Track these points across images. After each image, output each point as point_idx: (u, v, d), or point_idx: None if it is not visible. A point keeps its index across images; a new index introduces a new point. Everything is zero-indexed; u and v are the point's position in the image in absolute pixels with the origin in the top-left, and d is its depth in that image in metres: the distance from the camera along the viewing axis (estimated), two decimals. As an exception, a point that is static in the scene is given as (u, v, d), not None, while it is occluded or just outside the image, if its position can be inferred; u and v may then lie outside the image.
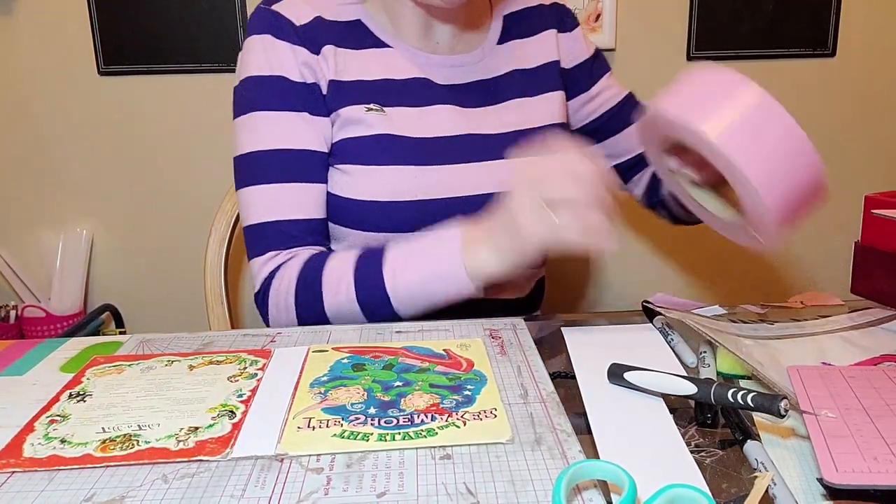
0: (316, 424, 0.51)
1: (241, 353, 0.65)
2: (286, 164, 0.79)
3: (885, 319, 0.70)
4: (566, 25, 0.95)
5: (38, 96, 1.56)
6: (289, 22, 0.80)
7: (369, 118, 0.81)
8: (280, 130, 0.79)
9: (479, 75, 0.88)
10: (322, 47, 0.81)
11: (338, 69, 0.81)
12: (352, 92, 0.81)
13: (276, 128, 0.79)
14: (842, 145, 1.63)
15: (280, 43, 0.80)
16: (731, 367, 0.60)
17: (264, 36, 0.80)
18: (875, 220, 0.71)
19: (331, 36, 0.82)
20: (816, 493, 0.43)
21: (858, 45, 1.57)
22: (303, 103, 0.80)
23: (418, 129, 0.82)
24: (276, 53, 0.80)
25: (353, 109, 0.81)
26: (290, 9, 0.81)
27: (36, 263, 1.61)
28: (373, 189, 0.79)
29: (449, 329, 0.70)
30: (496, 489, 0.43)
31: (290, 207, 0.79)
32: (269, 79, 0.80)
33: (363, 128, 0.81)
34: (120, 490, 0.44)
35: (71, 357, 0.66)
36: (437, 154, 0.81)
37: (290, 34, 0.80)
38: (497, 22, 0.91)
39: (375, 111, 0.81)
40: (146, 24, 1.51)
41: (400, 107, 0.82)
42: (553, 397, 0.55)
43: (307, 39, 0.80)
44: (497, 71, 0.89)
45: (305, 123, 0.80)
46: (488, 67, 0.88)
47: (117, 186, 1.61)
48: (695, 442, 0.50)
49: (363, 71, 0.82)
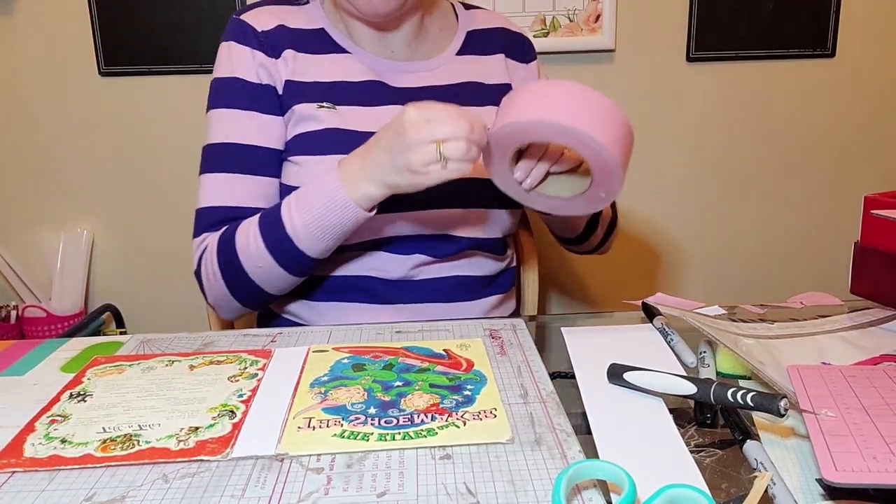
0: (316, 424, 0.51)
1: (241, 353, 0.65)
2: (234, 156, 0.86)
3: (884, 319, 0.70)
4: (525, 56, 0.99)
5: (38, 97, 1.56)
6: (252, 28, 0.88)
7: (321, 114, 0.86)
8: (232, 126, 0.87)
9: (434, 81, 0.91)
10: (281, 52, 0.88)
11: (295, 71, 0.88)
12: (307, 91, 0.87)
13: (229, 124, 0.87)
14: (841, 145, 1.63)
15: (241, 47, 0.88)
16: (730, 366, 0.60)
17: (231, 42, 0.89)
18: (875, 220, 0.71)
19: (292, 41, 0.88)
20: (816, 492, 0.44)
21: (858, 45, 1.57)
22: (256, 103, 0.87)
23: (367, 124, 0.85)
24: (238, 57, 0.88)
25: (307, 107, 0.86)
26: (256, 17, 0.89)
27: (36, 263, 1.61)
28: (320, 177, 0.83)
29: (449, 329, 0.70)
30: (496, 489, 0.43)
31: (233, 195, 0.86)
32: (228, 80, 0.87)
33: (314, 122, 0.86)
34: (120, 490, 0.44)
35: (71, 357, 0.66)
36: None
37: (251, 39, 0.88)
38: (460, 36, 0.96)
39: (327, 108, 0.86)
40: (147, 25, 1.52)
41: (352, 105, 0.87)
42: (553, 397, 0.55)
43: (267, 44, 0.88)
44: (452, 80, 0.92)
45: (255, 122, 0.87)
46: (444, 75, 0.92)
47: (118, 187, 1.61)
48: (694, 442, 0.50)
49: (320, 73, 0.88)
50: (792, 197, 1.66)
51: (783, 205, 1.66)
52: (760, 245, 1.69)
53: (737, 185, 1.65)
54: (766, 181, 1.65)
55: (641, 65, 1.57)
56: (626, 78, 1.57)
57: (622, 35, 1.54)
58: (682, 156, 1.63)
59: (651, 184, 1.64)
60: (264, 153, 0.87)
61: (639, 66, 1.57)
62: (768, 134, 1.62)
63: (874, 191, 0.74)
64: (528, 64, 1.00)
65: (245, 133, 0.86)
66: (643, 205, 1.65)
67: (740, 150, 1.63)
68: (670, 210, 1.65)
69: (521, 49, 1.00)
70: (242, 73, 0.87)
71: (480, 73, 0.95)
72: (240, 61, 0.87)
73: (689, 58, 1.56)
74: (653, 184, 1.64)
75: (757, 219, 1.67)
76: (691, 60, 1.56)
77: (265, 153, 0.87)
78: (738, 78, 1.58)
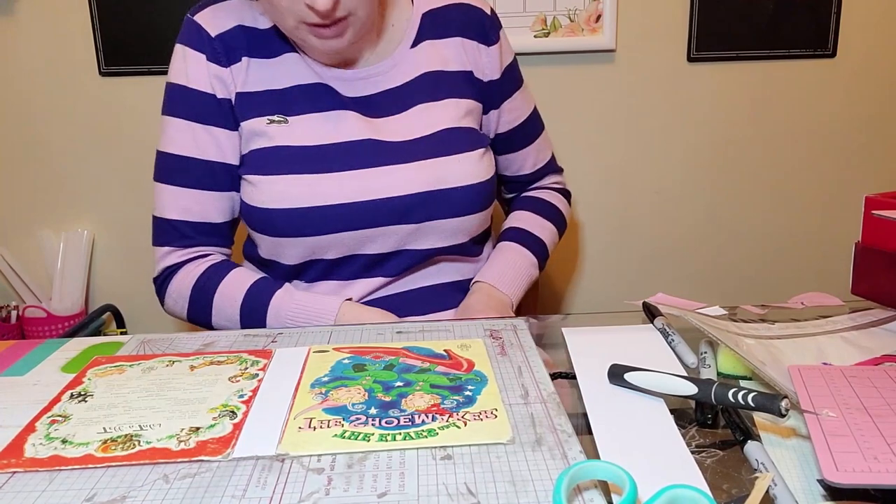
0: (317, 425, 0.51)
1: (241, 353, 0.65)
2: (188, 170, 0.87)
3: (885, 320, 0.70)
4: (488, 39, 0.94)
5: (39, 97, 1.56)
6: (206, 33, 0.86)
7: (271, 130, 0.85)
8: (187, 139, 0.87)
9: (388, 84, 0.89)
10: (235, 58, 0.86)
11: (247, 80, 0.87)
12: (258, 103, 0.86)
13: (184, 136, 0.87)
14: (842, 145, 1.63)
15: (196, 54, 0.86)
16: (731, 367, 0.60)
17: (185, 47, 0.87)
18: (875, 220, 0.71)
19: (246, 45, 0.87)
20: (817, 493, 0.44)
21: (859, 45, 1.57)
22: (212, 116, 0.87)
23: (319, 136, 0.85)
24: (193, 65, 0.86)
25: (257, 122, 0.86)
26: (211, 18, 0.87)
27: (37, 264, 1.61)
28: (273, 197, 0.84)
29: (450, 329, 0.70)
30: (497, 489, 0.43)
31: (185, 210, 0.88)
32: (184, 89, 0.87)
33: (265, 140, 0.86)
34: (121, 490, 0.44)
35: (72, 357, 0.66)
36: (336, 161, 0.84)
37: (205, 45, 0.86)
38: (415, 22, 0.92)
39: (277, 122, 0.85)
40: (147, 25, 1.51)
41: (304, 114, 0.86)
42: (553, 397, 0.55)
43: (221, 51, 0.86)
44: (407, 76, 0.90)
45: (211, 136, 0.87)
46: (399, 73, 0.90)
47: (118, 187, 1.61)
48: (695, 442, 0.50)
49: (272, 80, 0.87)
50: (793, 197, 1.65)
51: (784, 205, 1.66)
52: (761, 245, 1.68)
53: (737, 185, 1.65)
54: (766, 181, 1.64)
55: (642, 65, 1.57)
56: (627, 78, 1.57)
57: (623, 35, 1.54)
58: (683, 155, 1.62)
59: (651, 183, 1.64)
60: (221, 168, 0.88)
61: (639, 66, 1.57)
62: (769, 134, 1.62)
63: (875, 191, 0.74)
64: (491, 47, 0.94)
65: (202, 148, 0.87)
66: (643, 204, 1.65)
67: (741, 150, 1.63)
68: (670, 210, 1.65)
69: (482, 28, 0.93)
70: (198, 83, 0.86)
71: (433, 60, 0.91)
72: (195, 70, 0.86)
73: (689, 58, 1.56)
74: (653, 183, 1.64)
75: (757, 219, 1.67)
76: (692, 60, 1.56)
77: (222, 168, 0.88)
78: (738, 78, 1.58)
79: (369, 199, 0.84)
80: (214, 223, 0.89)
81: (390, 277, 0.89)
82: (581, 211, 1.65)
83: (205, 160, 0.87)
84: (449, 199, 0.86)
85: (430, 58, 0.91)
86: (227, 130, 0.87)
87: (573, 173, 1.63)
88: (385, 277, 0.88)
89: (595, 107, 1.59)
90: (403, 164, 0.85)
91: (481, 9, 0.94)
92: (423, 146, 0.87)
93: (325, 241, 0.85)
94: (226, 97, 0.86)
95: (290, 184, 0.83)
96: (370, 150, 0.85)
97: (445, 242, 0.89)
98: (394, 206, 0.84)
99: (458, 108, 0.91)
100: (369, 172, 0.84)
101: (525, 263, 0.94)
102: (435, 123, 0.89)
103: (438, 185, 0.86)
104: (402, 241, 0.87)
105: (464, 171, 0.87)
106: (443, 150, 0.87)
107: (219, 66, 0.86)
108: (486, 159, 0.91)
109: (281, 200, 0.83)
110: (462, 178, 0.87)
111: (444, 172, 0.86)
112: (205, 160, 0.87)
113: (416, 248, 0.88)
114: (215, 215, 0.89)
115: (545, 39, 1.52)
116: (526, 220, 1.00)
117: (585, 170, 1.62)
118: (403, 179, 0.85)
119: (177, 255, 0.89)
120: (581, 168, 1.62)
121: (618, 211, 1.65)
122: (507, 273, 0.91)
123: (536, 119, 1.04)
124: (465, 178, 0.87)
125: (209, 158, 0.87)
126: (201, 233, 0.88)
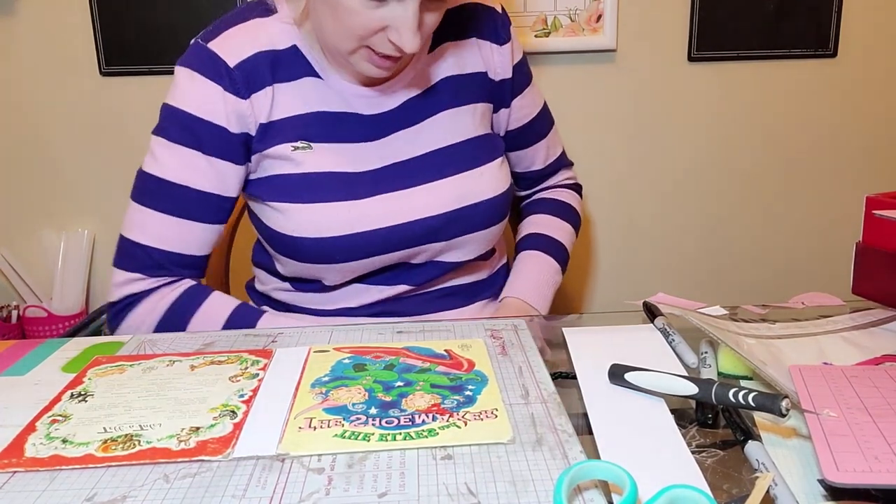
0: (317, 424, 0.51)
1: (242, 353, 0.65)
2: (174, 197, 0.82)
3: (886, 320, 0.70)
4: (500, 38, 0.91)
5: (39, 96, 1.56)
6: (223, 63, 0.80)
7: (297, 156, 0.82)
8: (181, 166, 0.82)
9: (410, 93, 0.87)
10: (257, 87, 0.81)
11: (272, 110, 0.82)
12: (282, 130, 0.83)
13: (178, 162, 0.82)
14: (842, 145, 1.62)
15: (211, 85, 0.80)
16: (732, 366, 0.60)
17: (194, 73, 0.80)
18: (876, 220, 0.71)
19: (270, 70, 0.82)
20: (817, 493, 0.43)
21: (860, 45, 1.57)
22: (218, 149, 0.82)
23: (344, 164, 0.83)
24: (205, 95, 0.80)
25: (282, 148, 0.82)
26: (228, 47, 0.81)
27: (37, 263, 1.61)
28: (303, 226, 0.82)
29: (450, 329, 0.70)
30: (497, 489, 0.43)
31: (166, 239, 0.83)
32: (189, 116, 0.81)
33: (291, 165, 0.83)
34: (121, 490, 0.44)
35: (72, 357, 0.66)
36: (361, 186, 0.83)
37: (223, 77, 0.80)
38: None
39: (302, 148, 0.82)
40: (148, 25, 1.51)
41: (328, 142, 0.84)
42: (554, 397, 0.55)
43: (241, 82, 0.80)
44: (428, 82, 0.88)
45: (212, 167, 0.82)
46: (419, 80, 0.88)
47: (119, 186, 1.61)
48: (696, 442, 0.50)
49: (296, 105, 0.83)
50: (793, 197, 1.65)
51: (784, 205, 1.66)
52: (761, 245, 1.68)
53: (738, 184, 1.65)
54: (767, 181, 1.64)
55: (643, 64, 1.56)
56: (628, 78, 1.57)
57: (623, 35, 1.54)
58: (684, 155, 1.62)
59: (652, 183, 1.64)
60: (217, 200, 0.83)
61: (640, 66, 1.57)
62: (770, 134, 1.62)
63: (876, 191, 0.74)
64: (503, 46, 0.91)
65: (199, 178, 0.82)
66: (644, 204, 1.65)
67: (742, 150, 1.63)
68: (671, 209, 1.65)
69: (494, 27, 0.91)
70: (210, 114, 0.80)
71: (454, 64, 0.90)
72: (208, 101, 0.80)
73: (690, 57, 1.56)
74: (653, 183, 1.64)
75: (758, 219, 1.67)
76: (693, 60, 1.56)
77: (217, 200, 0.84)
78: (739, 78, 1.58)
79: (398, 224, 0.83)
80: (192, 255, 0.84)
81: (414, 286, 0.89)
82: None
83: (199, 190, 0.82)
84: (476, 214, 0.86)
85: (449, 62, 0.89)
86: (234, 164, 0.83)
87: (573, 173, 1.63)
88: (409, 285, 0.89)
89: (595, 107, 1.59)
90: (428, 185, 0.84)
91: (493, 8, 0.93)
92: (447, 160, 0.86)
93: (353, 265, 0.84)
94: (242, 131, 0.82)
95: (317, 212, 0.81)
96: (395, 172, 0.84)
97: (473, 254, 0.90)
98: (422, 228, 0.84)
99: (475, 113, 0.90)
100: (395, 196, 0.83)
101: (550, 271, 0.94)
102: (457, 131, 0.88)
103: (464, 202, 0.85)
104: (431, 256, 0.87)
105: (487, 185, 0.87)
106: (465, 164, 0.86)
107: (238, 98, 0.80)
108: (504, 167, 0.91)
109: (309, 229, 0.81)
110: (486, 192, 0.87)
111: (468, 188, 0.86)
112: (199, 190, 0.82)
113: (445, 260, 0.89)
114: (195, 247, 0.84)
115: (546, 39, 1.52)
116: (545, 224, 1.00)
117: (585, 169, 1.62)
118: (430, 200, 0.84)
119: (145, 283, 0.83)
120: (581, 168, 1.62)
121: (618, 211, 1.65)
122: (536, 285, 0.92)
123: (546, 115, 1.03)
124: (489, 191, 0.87)
125: (205, 189, 0.82)
126: (176, 263, 0.84)
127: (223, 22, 0.83)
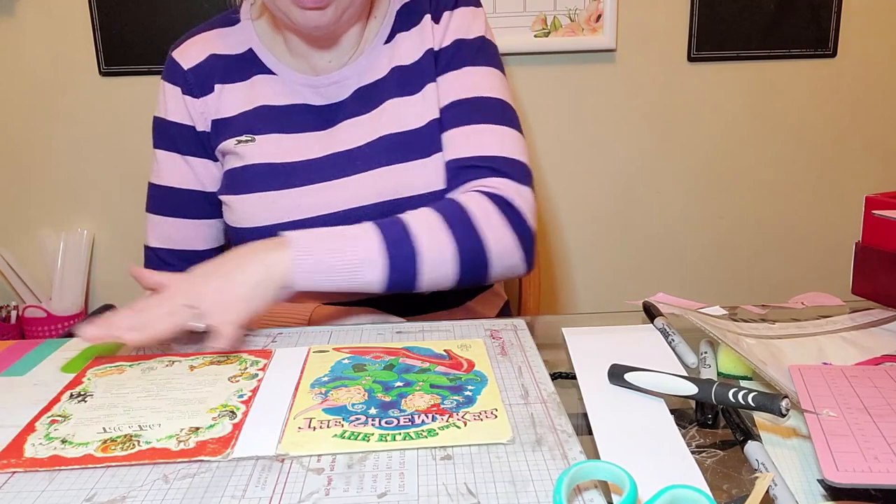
0: (317, 425, 0.51)
1: (241, 353, 0.65)
2: (170, 199, 0.90)
3: (885, 320, 0.70)
4: (445, 9, 0.88)
5: (39, 96, 1.56)
6: (180, 68, 0.88)
7: (240, 150, 0.86)
8: (169, 169, 0.90)
9: (360, 82, 0.87)
10: (208, 88, 0.88)
11: (220, 109, 0.88)
12: (231, 127, 0.87)
13: (166, 167, 0.90)
14: (842, 145, 1.63)
15: (173, 88, 0.89)
16: (732, 366, 0.60)
17: (164, 81, 0.90)
18: (876, 220, 0.71)
19: (221, 72, 0.88)
20: (817, 493, 0.43)
21: (859, 45, 1.57)
22: (189, 147, 0.89)
23: (285, 154, 0.85)
24: (172, 100, 0.89)
25: (228, 143, 0.87)
26: (186, 52, 0.89)
27: (37, 263, 1.61)
28: (243, 217, 0.85)
29: (450, 329, 0.70)
30: (497, 490, 0.43)
31: (167, 238, 0.91)
32: (164, 122, 0.90)
33: (236, 159, 0.87)
34: (121, 490, 0.44)
35: (72, 357, 0.66)
36: (297, 176, 0.84)
37: (179, 79, 0.89)
38: (391, 15, 0.89)
39: (245, 141, 0.86)
40: (147, 25, 1.52)
41: (272, 133, 0.86)
42: (554, 398, 0.55)
43: (194, 83, 0.88)
44: (379, 73, 0.87)
45: (189, 166, 0.90)
46: (371, 71, 0.88)
47: (118, 186, 1.61)
48: (695, 442, 0.50)
49: (244, 102, 0.88)
50: (793, 197, 1.66)
51: (784, 205, 1.66)
52: (761, 245, 1.69)
53: (737, 184, 1.65)
54: (766, 181, 1.64)
55: (642, 64, 1.57)
56: (627, 78, 1.57)
57: (623, 35, 1.54)
58: (683, 155, 1.62)
59: (652, 183, 1.64)
60: (200, 197, 0.90)
61: (640, 66, 1.57)
62: (769, 134, 1.62)
63: (875, 191, 0.74)
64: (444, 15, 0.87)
65: (183, 178, 0.90)
66: (644, 204, 1.65)
67: (741, 150, 1.63)
68: (671, 209, 1.65)
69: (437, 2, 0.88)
70: (175, 115, 0.89)
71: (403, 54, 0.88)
72: (173, 104, 0.89)
73: (690, 57, 1.56)
74: (653, 183, 1.64)
75: (758, 218, 1.67)
76: (692, 60, 1.56)
77: (200, 197, 0.90)
78: (739, 78, 1.58)
79: (328, 213, 0.83)
80: (197, 250, 0.91)
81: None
82: (581, 211, 1.65)
83: (185, 189, 0.90)
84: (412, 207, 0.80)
85: (399, 53, 0.88)
86: (206, 160, 0.90)
87: (573, 173, 1.63)
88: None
89: (595, 106, 1.59)
90: (365, 173, 0.83)
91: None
92: (389, 150, 0.84)
93: None
94: (204, 129, 0.88)
95: (254, 202, 0.84)
96: (331, 162, 0.84)
97: None
98: (355, 218, 0.80)
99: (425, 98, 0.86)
100: (328, 185, 0.83)
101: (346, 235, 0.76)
102: (404, 120, 0.85)
103: (402, 194, 0.83)
104: None
105: (421, 180, 0.84)
106: (408, 154, 0.84)
107: (193, 98, 0.88)
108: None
109: (249, 219, 0.84)
110: (428, 185, 0.84)
111: (409, 180, 0.83)
112: (185, 189, 0.90)
113: None
114: (198, 242, 0.92)
115: (545, 39, 1.52)
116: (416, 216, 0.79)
117: (585, 169, 1.63)
118: (362, 190, 0.83)
119: None
120: (581, 168, 1.62)
121: (618, 210, 1.65)
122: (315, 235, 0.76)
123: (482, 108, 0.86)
124: (423, 186, 0.84)
125: (189, 187, 0.90)
126: (184, 259, 0.90)
127: (190, 33, 0.92)
